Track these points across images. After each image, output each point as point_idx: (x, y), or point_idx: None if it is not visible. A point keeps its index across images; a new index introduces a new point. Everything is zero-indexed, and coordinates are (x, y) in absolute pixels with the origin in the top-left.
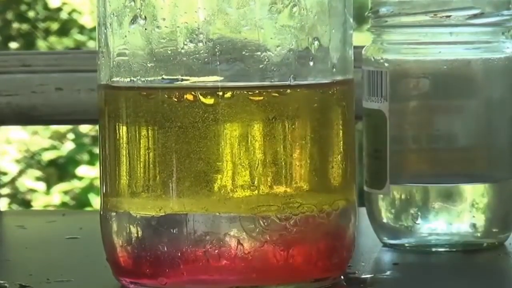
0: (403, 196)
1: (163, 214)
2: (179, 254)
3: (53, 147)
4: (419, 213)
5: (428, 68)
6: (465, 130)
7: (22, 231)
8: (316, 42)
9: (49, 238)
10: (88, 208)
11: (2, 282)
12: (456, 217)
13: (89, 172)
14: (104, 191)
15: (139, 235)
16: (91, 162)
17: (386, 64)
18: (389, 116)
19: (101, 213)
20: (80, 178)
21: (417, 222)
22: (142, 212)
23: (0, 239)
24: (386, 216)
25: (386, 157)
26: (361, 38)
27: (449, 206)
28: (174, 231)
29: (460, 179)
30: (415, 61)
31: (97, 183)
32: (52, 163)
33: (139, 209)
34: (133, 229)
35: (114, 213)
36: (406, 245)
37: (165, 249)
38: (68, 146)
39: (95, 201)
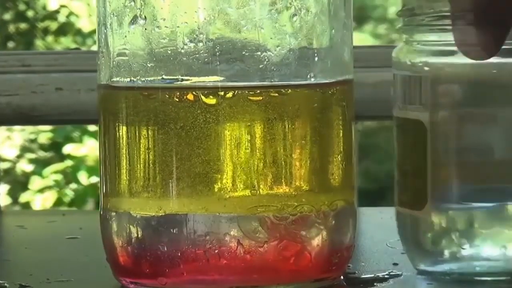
0: (446, 218)
1: (163, 214)
2: (179, 254)
3: (51, 129)
4: (463, 236)
5: (476, 73)
6: None
7: (22, 231)
8: (316, 42)
9: (49, 238)
10: (75, 185)
11: (2, 282)
12: (507, 241)
13: (80, 150)
14: (104, 191)
15: (139, 235)
16: (83, 141)
17: (425, 68)
18: (430, 127)
19: (101, 213)
20: (72, 157)
21: (461, 246)
22: (142, 212)
23: (0, 239)
24: (424, 240)
25: (426, 174)
26: (361, 38)
27: (499, 228)
28: (174, 231)
29: None
30: (460, 64)
31: (87, 161)
32: (49, 145)
33: (139, 209)
34: (133, 229)
35: (114, 213)
36: (448, 272)
37: (165, 249)
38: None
39: (82, 177)
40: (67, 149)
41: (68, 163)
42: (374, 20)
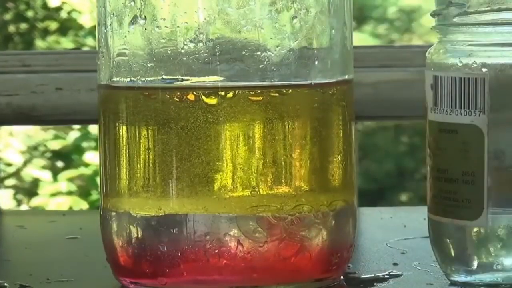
0: (506, 226)
1: (163, 214)
2: (179, 254)
3: (57, 137)
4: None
5: None
6: None
7: (22, 231)
8: (316, 42)
9: (49, 238)
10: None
11: (2, 282)
12: None
13: (95, 159)
14: (104, 191)
15: (139, 235)
16: (97, 149)
17: (483, 70)
18: (488, 132)
19: (101, 213)
20: (87, 165)
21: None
22: (142, 212)
23: (0, 239)
24: (477, 249)
25: (482, 182)
26: (361, 38)
27: None
28: (174, 231)
29: None
30: None
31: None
32: (57, 152)
33: (139, 209)
34: (133, 229)
35: (114, 213)
36: (492, 282)
37: (165, 249)
38: (73, 135)
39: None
40: (87, 156)
41: (83, 170)
42: (374, 20)
